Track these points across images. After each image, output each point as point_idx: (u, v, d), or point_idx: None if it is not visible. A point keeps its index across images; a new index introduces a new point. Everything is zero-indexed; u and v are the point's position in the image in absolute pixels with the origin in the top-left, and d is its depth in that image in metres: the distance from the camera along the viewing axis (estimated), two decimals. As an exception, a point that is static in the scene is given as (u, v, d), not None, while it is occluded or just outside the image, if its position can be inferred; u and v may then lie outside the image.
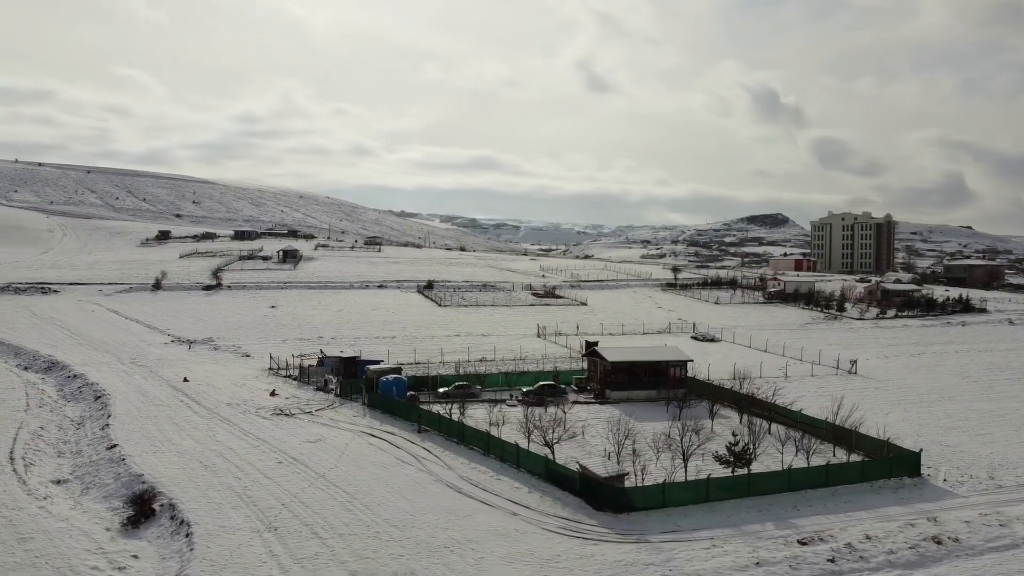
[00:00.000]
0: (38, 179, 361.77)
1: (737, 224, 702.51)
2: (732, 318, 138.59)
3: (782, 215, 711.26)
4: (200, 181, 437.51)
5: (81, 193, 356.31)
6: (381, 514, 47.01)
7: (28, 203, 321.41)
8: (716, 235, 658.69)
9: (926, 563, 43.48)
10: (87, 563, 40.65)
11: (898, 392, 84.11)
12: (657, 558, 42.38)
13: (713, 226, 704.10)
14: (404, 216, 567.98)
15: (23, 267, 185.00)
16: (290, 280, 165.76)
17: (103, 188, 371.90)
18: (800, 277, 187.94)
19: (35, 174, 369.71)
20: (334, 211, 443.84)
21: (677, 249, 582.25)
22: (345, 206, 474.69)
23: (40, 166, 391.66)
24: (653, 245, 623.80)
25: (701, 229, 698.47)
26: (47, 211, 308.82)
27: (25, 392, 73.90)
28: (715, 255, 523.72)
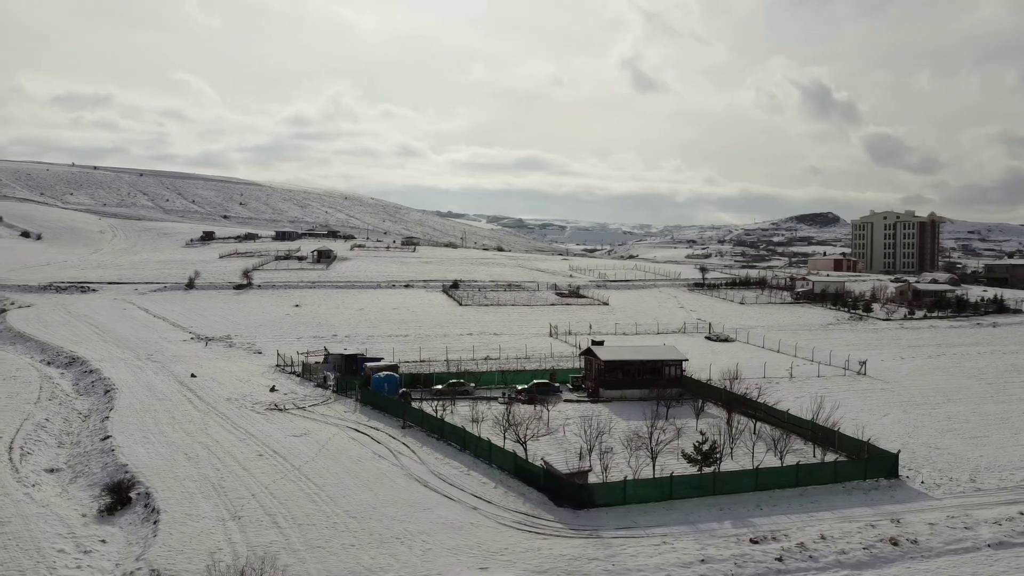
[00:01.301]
0: (93, 182, 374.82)
1: (786, 223, 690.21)
2: (754, 318, 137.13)
3: (832, 214, 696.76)
4: (247, 183, 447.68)
5: (133, 195, 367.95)
6: (344, 506, 48.44)
7: (83, 205, 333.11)
8: (764, 235, 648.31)
9: (877, 564, 43.15)
10: (55, 546, 42.88)
11: (904, 393, 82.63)
12: (603, 553, 42.91)
13: (761, 226, 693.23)
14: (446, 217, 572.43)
15: (70, 267, 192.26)
16: (319, 280, 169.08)
17: (154, 190, 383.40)
18: (830, 277, 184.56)
19: (90, 177, 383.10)
20: (378, 212, 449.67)
21: (723, 249, 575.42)
22: (389, 207, 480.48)
23: (95, 169, 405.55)
24: (699, 245, 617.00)
25: (749, 229, 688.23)
26: (100, 213, 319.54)
27: (40, 386, 77.42)
28: (762, 255, 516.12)
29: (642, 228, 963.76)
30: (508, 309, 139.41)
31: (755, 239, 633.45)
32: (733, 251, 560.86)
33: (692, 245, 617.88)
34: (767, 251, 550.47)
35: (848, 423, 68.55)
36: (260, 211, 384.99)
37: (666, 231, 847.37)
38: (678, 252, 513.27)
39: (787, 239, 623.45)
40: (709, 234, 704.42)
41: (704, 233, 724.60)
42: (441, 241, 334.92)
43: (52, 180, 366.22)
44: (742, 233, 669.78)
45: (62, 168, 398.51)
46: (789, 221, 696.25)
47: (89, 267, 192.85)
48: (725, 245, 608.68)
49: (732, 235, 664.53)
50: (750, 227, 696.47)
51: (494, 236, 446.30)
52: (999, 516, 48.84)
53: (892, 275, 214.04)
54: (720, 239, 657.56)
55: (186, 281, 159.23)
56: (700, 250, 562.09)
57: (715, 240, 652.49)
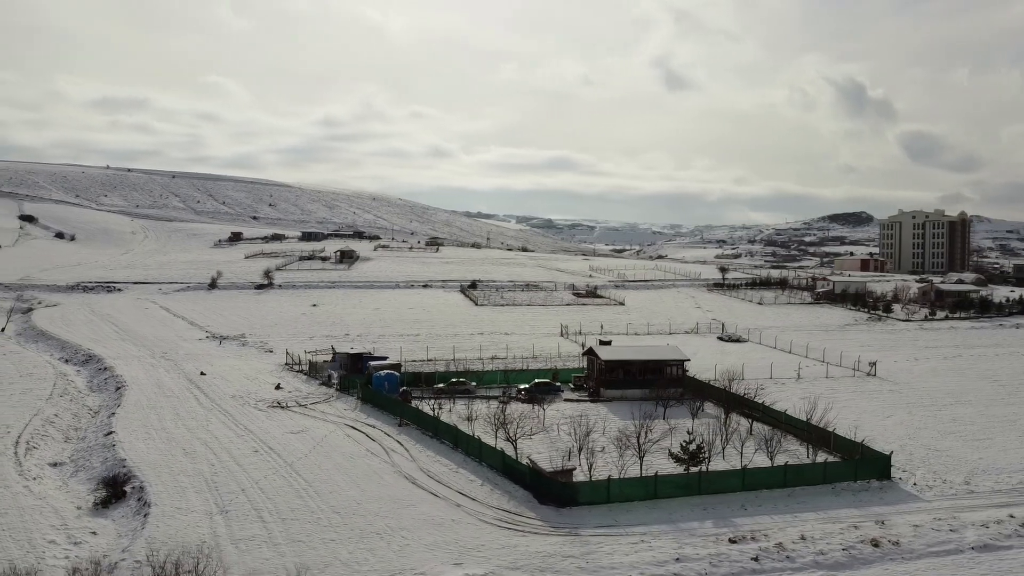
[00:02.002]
0: (127, 184, 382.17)
1: (818, 223, 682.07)
2: (771, 319, 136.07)
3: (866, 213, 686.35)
4: (277, 184, 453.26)
5: (165, 197, 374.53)
6: (330, 501, 49.29)
7: (116, 207, 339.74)
8: (795, 234, 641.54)
9: (855, 565, 42.91)
10: (47, 537, 44.24)
11: (912, 395, 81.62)
12: (578, 551, 43.20)
13: (792, 225, 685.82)
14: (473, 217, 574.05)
15: (100, 267, 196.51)
16: (340, 280, 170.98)
17: (186, 192, 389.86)
18: (851, 277, 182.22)
19: (124, 179, 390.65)
20: (405, 212, 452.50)
21: (754, 249, 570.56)
22: (417, 207, 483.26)
23: (129, 171, 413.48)
24: (729, 245, 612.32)
25: (780, 228, 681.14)
26: (133, 214, 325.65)
27: (54, 383, 79.48)
28: (793, 255, 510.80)
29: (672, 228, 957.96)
30: (523, 309, 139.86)
31: (786, 239, 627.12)
32: (764, 251, 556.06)
33: (722, 245, 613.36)
34: (798, 251, 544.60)
35: (849, 424, 68.22)
36: (289, 212, 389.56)
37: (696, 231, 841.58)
38: (707, 252, 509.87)
39: (819, 239, 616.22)
40: (739, 234, 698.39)
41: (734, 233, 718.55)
42: (467, 241, 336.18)
43: (87, 182, 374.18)
44: (773, 233, 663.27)
45: (97, 170, 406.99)
46: (821, 221, 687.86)
47: (118, 267, 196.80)
48: (755, 245, 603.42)
49: (763, 235, 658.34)
50: (781, 227, 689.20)
51: (521, 236, 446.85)
52: (987, 519, 48.25)
53: (919, 276, 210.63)
54: (751, 239, 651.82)
55: (208, 281, 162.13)
56: (730, 250, 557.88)
57: (745, 240, 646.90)
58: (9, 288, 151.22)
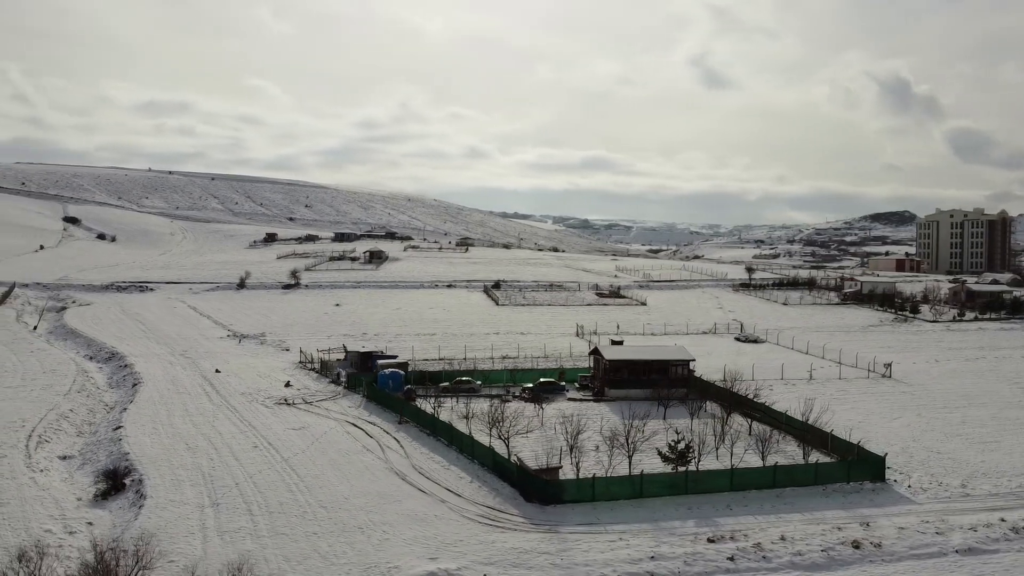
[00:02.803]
0: (167, 186, 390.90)
1: (859, 222, 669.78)
2: (795, 319, 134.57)
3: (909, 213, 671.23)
4: (313, 186, 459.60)
5: (205, 199, 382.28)
6: (318, 496, 50.36)
7: (157, 209, 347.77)
8: (836, 234, 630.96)
9: (833, 567, 42.66)
10: (44, 526, 45.96)
11: (925, 397, 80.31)
12: (554, 548, 43.59)
13: (833, 225, 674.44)
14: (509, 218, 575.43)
15: (137, 267, 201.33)
16: (366, 280, 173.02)
17: (224, 194, 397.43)
18: (880, 277, 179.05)
19: (165, 181, 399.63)
20: (440, 213, 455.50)
21: (793, 249, 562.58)
22: (452, 208, 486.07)
23: (170, 174, 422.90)
24: (767, 245, 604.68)
25: (820, 228, 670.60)
26: (172, 216, 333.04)
27: (74, 379, 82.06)
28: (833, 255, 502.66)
29: (711, 228, 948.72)
30: (543, 309, 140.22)
31: (826, 239, 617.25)
32: (803, 251, 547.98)
33: (760, 245, 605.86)
34: (838, 251, 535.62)
35: (853, 426, 67.58)
36: (324, 213, 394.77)
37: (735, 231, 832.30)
38: (745, 252, 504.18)
39: (860, 239, 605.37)
40: (778, 234, 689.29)
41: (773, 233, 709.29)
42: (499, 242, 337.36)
43: (130, 185, 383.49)
44: (813, 233, 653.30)
45: (139, 173, 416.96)
46: (863, 220, 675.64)
47: (154, 267, 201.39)
48: (795, 245, 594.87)
49: (802, 235, 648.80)
50: (821, 227, 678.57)
51: (554, 237, 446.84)
52: (977, 522, 47.53)
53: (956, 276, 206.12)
54: (790, 239, 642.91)
55: (237, 281, 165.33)
56: (768, 250, 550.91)
57: (784, 240, 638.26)
58: (47, 288, 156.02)
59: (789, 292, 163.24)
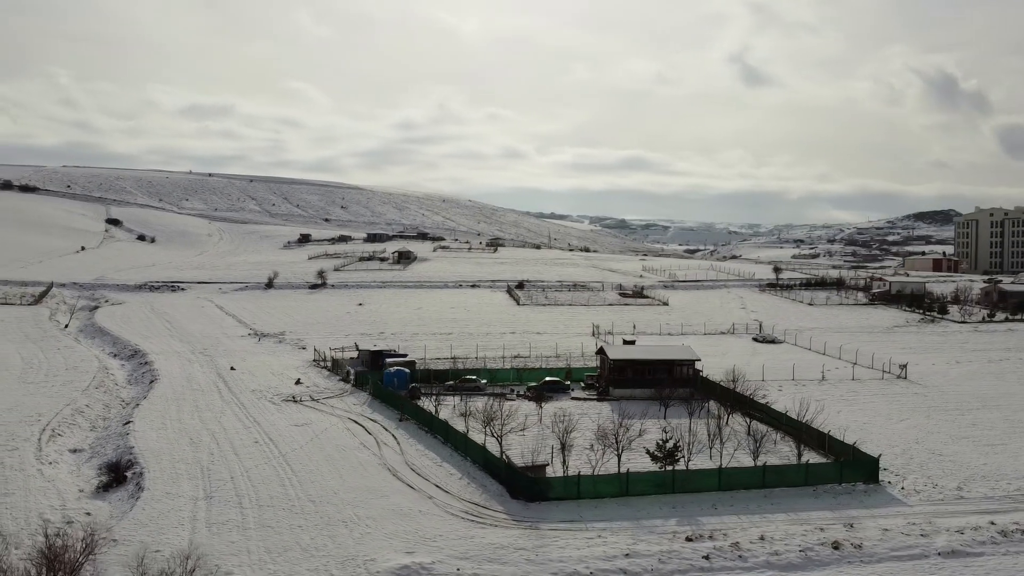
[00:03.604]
0: (207, 188, 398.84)
1: (902, 221, 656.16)
2: (818, 320, 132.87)
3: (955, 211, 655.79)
4: (349, 187, 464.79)
5: (243, 200, 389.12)
6: (308, 490, 51.52)
7: (196, 210, 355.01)
8: (878, 233, 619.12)
9: (809, 567, 42.49)
10: (44, 516, 47.76)
11: (937, 398, 78.98)
12: (532, 544, 44.08)
13: (875, 224, 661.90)
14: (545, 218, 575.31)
15: (172, 267, 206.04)
16: (392, 280, 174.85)
17: (262, 195, 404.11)
18: (909, 277, 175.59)
19: (205, 184, 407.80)
20: (474, 214, 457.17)
21: (833, 249, 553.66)
22: (486, 209, 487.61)
23: (210, 176, 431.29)
24: (807, 245, 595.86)
25: (862, 228, 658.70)
26: (211, 217, 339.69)
27: (93, 376, 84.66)
28: (874, 255, 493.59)
29: (751, 228, 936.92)
30: (563, 309, 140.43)
31: (868, 238, 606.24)
32: (843, 251, 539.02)
33: (799, 245, 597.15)
34: (880, 251, 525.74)
35: (857, 427, 66.91)
36: (360, 214, 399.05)
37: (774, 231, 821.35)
38: (784, 252, 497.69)
39: (903, 238, 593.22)
40: (818, 233, 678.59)
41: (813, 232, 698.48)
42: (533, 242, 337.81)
43: (170, 187, 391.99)
44: (854, 232, 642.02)
45: (180, 175, 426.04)
46: (906, 219, 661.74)
47: (189, 268, 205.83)
48: (835, 244, 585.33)
49: (843, 234, 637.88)
50: (863, 226, 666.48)
51: (588, 237, 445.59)
52: (966, 525, 46.88)
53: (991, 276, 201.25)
54: (830, 238, 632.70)
55: (266, 281, 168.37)
56: (807, 250, 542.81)
57: (824, 239, 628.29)
58: (83, 287, 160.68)
59: (816, 292, 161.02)
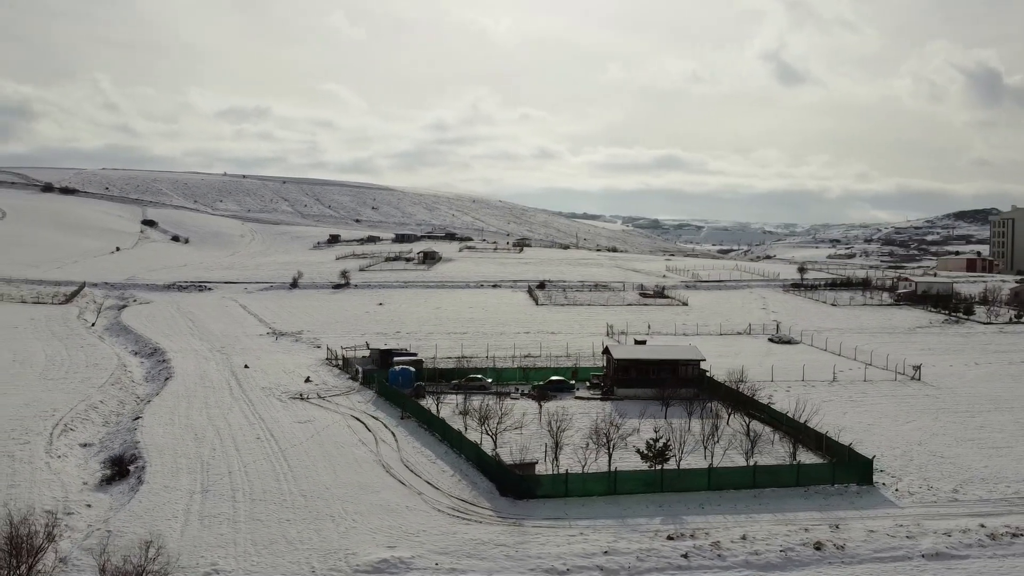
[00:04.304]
0: (241, 190, 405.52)
1: (942, 221, 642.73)
2: (839, 320, 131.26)
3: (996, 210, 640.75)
4: (381, 188, 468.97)
5: (276, 202, 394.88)
6: (302, 485, 52.55)
7: (230, 211, 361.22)
8: (917, 233, 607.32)
9: (788, 567, 42.38)
10: (45, 507, 49.28)
11: (948, 400, 77.78)
12: (513, 540, 44.56)
13: (914, 224, 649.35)
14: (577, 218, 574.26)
15: (203, 268, 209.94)
16: (415, 280, 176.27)
17: (295, 196, 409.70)
18: (937, 278, 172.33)
19: (239, 185, 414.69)
20: (504, 214, 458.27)
21: (870, 248, 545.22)
22: (516, 209, 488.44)
23: (244, 178, 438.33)
24: (843, 244, 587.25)
25: (900, 227, 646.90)
26: (244, 218, 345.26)
27: (111, 373, 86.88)
28: (912, 255, 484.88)
29: (787, 228, 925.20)
30: (581, 309, 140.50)
31: (906, 238, 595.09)
32: (880, 251, 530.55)
33: (835, 245, 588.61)
34: (918, 251, 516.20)
35: (862, 428, 66.43)
36: (390, 215, 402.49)
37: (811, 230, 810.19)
38: (819, 252, 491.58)
39: (943, 238, 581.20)
40: (855, 233, 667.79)
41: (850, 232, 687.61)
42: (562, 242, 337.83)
43: (205, 188, 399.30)
44: (892, 232, 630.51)
45: (215, 177, 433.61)
46: (946, 219, 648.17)
47: (219, 268, 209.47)
48: (872, 244, 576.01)
49: (881, 234, 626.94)
50: (901, 225, 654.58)
51: (617, 237, 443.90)
52: (955, 527, 46.34)
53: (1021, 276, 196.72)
54: (867, 238, 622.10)
55: (290, 281, 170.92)
56: (844, 250, 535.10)
57: (861, 239, 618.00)
58: (114, 287, 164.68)
59: (841, 293, 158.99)
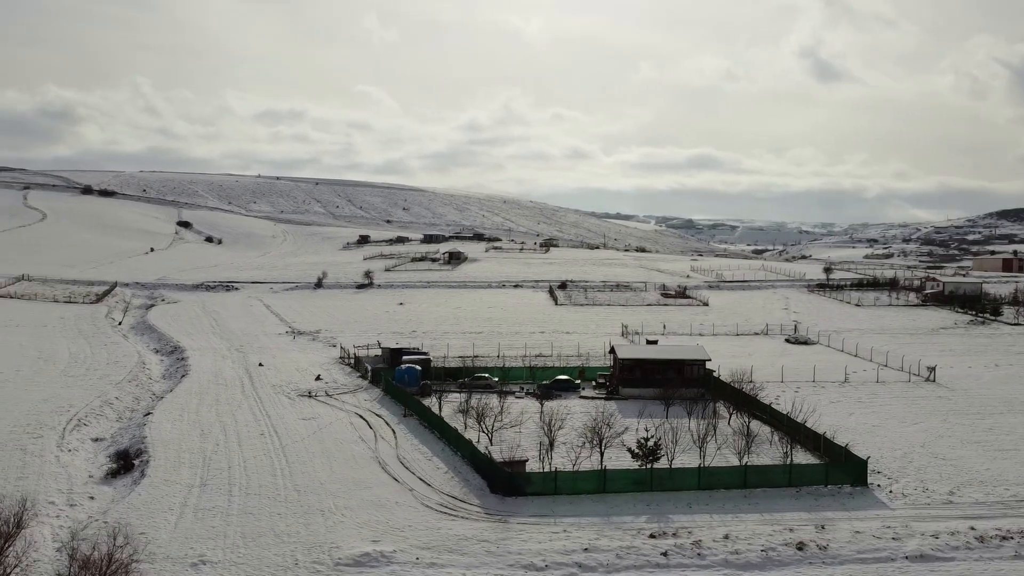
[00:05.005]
0: (274, 191, 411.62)
1: (984, 220, 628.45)
2: (861, 321, 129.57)
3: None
4: (412, 189, 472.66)
5: (308, 203, 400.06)
6: (297, 480, 53.64)
7: (263, 213, 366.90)
8: (957, 232, 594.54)
9: (767, 567, 42.30)
10: (49, 498, 51.02)
11: (961, 402, 76.55)
12: (495, 536, 45.07)
13: (955, 223, 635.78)
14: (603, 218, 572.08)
15: (233, 268, 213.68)
16: (439, 280, 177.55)
17: (327, 198, 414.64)
18: (967, 278, 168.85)
19: (272, 187, 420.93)
20: (535, 215, 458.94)
21: (908, 248, 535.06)
22: (547, 210, 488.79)
23: (277, 180, 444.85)
24: (881, 244, 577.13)
25: (940, 226, 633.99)
26: (276, 219, 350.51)
27: (130, 370, 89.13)
28: (952, 255, 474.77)
29: (824, 227, 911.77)
30: (599, 309, 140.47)
31: (946, 237, 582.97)
32: (919, 251, 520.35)
33: (873, 245, 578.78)
34: (959, 251, 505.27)
35: (860, 429, 65.73)
36: (420, 215, 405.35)
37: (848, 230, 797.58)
38: (856, 252, 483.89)
39: (984, 237, 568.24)
40: (894, 232, 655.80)
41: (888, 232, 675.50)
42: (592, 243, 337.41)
43: (240, 190, 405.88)
44: (932, 231, 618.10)
45: (249, 179, 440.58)
46: (988, 217, 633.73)
47: (249, 268, 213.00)
48: (910, 244, 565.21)
49: (920, 233, 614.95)
50: (941, 225, 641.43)
51: (649, 237, 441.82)
52: (943, 529, 45.79)
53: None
54: (906, 238, 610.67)
55: (315, 281, 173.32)
56: (881, 250, 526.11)
57: (900, 239, 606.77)
58: (145, 287, 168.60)
59: (867, 293, 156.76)
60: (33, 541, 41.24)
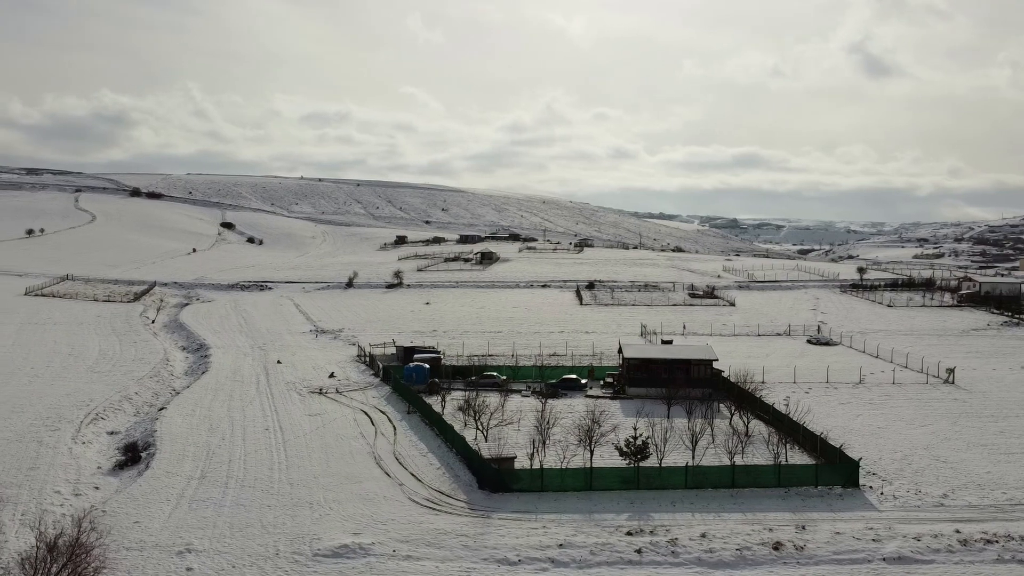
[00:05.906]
0: (316, 193, 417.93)
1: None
2: (889, 322, 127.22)
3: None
4: (451, 190, 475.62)
5: (348, 204, 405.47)
6: (292, 474, 55.07)
7: (304, 214, 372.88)
8: (1013, 231, 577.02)
9: (740, 566, 42.28)
10: (55, 488, 53.27)
11: (976, 405, 75.01)
12: (474, 531, 45.84)
13: (1010, 221, 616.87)
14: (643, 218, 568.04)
15: (271, 268, 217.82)
16: (468, 280, 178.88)
17: (367, 199, 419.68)
18: (1006, 279, 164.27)
19: (314, 188, 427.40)
20: (574, 215, 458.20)
21: (960, 248, 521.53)
22: (586, 210, 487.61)
23: (319, 181, 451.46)
24: (931, 244, 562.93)
25: (994, 225, 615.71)
26: (317, 220, 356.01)
27: (153, 366, 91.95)
28: (1007, 254, 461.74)
29: (874, 226, 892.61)
30: (623, 309, 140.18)
31: (1000, 237, 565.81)
32: (971, 250, 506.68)
33: (923, 244, 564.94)
34: (1013, 250, 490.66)
35: (864, 430, 65.03)
36: (459, 216, 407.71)
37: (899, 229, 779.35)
38: (905, 252, 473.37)
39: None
40: (945, 232, 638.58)
41: (940, 231, 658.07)
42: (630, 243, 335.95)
43: (283, 192, 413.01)
44: (986, 230, 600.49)
45: (292, 181, 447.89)
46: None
47: (286, 268, 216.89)
48: (962, 244, 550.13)
49: (973, 232, 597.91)
50: (996, 223, 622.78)
51: (690, 237, 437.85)
52: (928, 532, 45.22)
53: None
54: (958, 237, 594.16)
55: (346, 281, 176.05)
56: (932, 249, 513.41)
57: (951, 238, 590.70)
58: (182, 286, 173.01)
59: (901, 294, 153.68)
60: (3, 526, 43.35)
